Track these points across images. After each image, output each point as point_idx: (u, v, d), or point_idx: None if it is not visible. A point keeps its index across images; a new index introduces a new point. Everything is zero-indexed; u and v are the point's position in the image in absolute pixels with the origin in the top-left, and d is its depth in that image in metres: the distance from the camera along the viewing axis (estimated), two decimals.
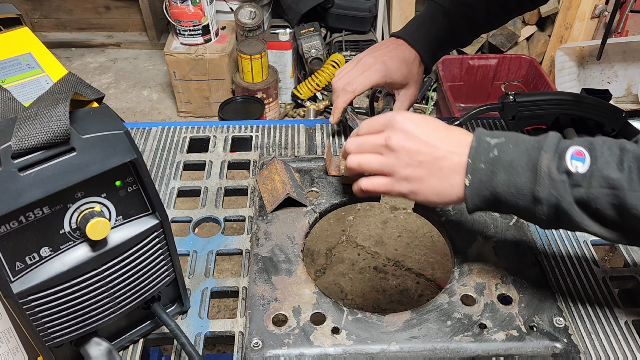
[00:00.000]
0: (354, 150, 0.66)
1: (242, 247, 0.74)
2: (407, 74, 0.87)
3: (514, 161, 0.55)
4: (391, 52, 0.86)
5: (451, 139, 0.60)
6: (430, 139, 0.60)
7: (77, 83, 0.54)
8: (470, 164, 0.57)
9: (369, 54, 0.87)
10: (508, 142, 0.56)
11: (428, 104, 2.54)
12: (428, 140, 0.60)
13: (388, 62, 0.85)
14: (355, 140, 0.66)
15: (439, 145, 0.59)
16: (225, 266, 1.82)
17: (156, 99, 2.77)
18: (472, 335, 0.62)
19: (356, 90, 0.84)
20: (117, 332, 0.60)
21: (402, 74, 0.86)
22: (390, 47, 0.87)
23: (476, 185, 0.57)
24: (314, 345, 0.61)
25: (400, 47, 0.87)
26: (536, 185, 0.53)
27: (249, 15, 2.50)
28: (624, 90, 2.53)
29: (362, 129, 0.67)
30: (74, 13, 3.03)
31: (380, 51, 0.87)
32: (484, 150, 0.57)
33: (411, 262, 1.69)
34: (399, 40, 0.88)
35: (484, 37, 2.66)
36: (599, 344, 0.63)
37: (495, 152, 0.56)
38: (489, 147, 0.57)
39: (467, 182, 0.57)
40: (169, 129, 0.94)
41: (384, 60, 0.85)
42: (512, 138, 0.57)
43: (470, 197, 0.58)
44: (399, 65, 0.85)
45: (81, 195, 0.48)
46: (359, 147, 0.65)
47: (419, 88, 0.91)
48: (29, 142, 0.43)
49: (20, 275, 0.47)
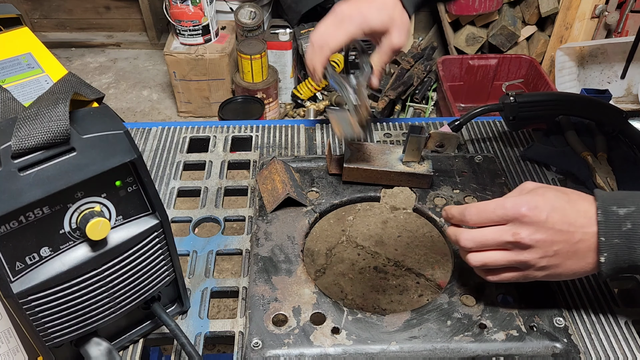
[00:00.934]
0: (473, 247, 0.58)
1: (242, 247, 0.74)
2: (386, 20, 0.79)
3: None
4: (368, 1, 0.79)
5: (579, 213, 0.55)
6: (563, 225, 0.55)
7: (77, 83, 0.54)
8: (604, 241, 0.54)
9: (346, 2, 0.79)
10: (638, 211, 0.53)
11: (428, 104, 2.54)
12: (561, 228, 0.55)
13: (364, 9, 0.78)
14: (473, 235, 0.58)
15: (572, 229, 0.55)
16: (225, 266, 1.82)
17: (156, 99, 2.77)
18: (472, 335, 0.62)
19: (332, 46, 0.78)
20: (117, 332, 0.60)
21: (381, 20, 0.78)
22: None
23: (612, 260, 0.54)
24: (314, 345, 0.61)
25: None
26: None
27: (249, 15, 2.50)
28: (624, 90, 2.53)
29: (473, 218, 0.58)
30: (74, 13, 3.03)
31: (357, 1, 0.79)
32: (615, 223, 0.53)
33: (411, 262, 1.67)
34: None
35: (483, 37, 2.66)
36: (599, 344, 0.63)
37: (629, 225, 0.53)
38: (619, 220, 0.53)
39: (603, 259, 0.54)
40: (169, 129, 0.94)
41: (360, 9, 0.78)
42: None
43: (607, 272, 0.55)
44: (377, 11, 0.78)
45: (81, 195, 0.48)
46: (479, 245, 0.58)
47: (403, 34, 0.81)
48: (29, 142, 0.43)
49: (20, 275, 0.47)
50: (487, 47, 2.72)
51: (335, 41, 0.78)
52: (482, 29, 2.67)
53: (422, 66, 2.51)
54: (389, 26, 0.79)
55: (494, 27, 2.64)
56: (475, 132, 0.95)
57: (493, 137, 0.94)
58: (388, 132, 0.95)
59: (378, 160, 0.80)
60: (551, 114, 0.89)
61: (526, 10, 2.65)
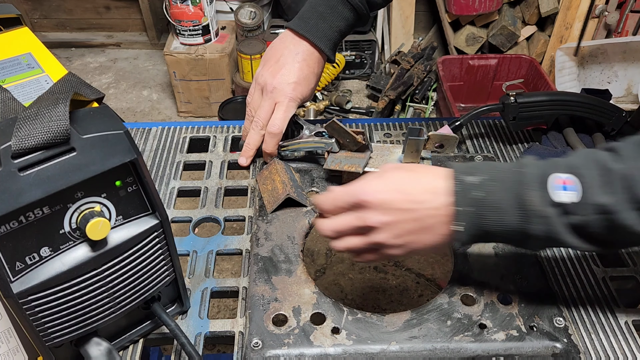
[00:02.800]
0: (332, 235, 0.62)
1: (242, 247, 0.74)
2: (314, 88, 0.86)
3: (501, 201, 0.54)
4: (295, 70, 0.82)
5: (424, 190, 0.57)
6: (407, 204, 0.57)
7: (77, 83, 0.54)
8: (459, 210, 0.55)
9: (272, 74, 0.82)
10: (490, 180, 0.55)
11: (428, 104, 2.54)
12: (406, 207, 0.57)
13: (297, 87, 0.82)
14: (328, 225, 0.61)
15: (416, 206, 0.57)
16: (225, 266, 1.82)
17: (156, 99, 2.77)
18: (472, 335, 0.62)
19: (282, 129, 0.82)
20: (117, 332, 0.60)
21: (310, 90, 0.85)
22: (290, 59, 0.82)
23: (467, 227, 0.56)
24: (314, 345, 0.61)
25: (301, 54, 0.82)
26: (527, 223, 0.53)
27: (249, 15, 2.50)
28: (624, 90, 2.53)
29: (326, 205, 0.62)
30: (74, 13, 3.03)
31: (283, 70, 0.82)
32: (468, 192, 0.55)
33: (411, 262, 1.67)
34: (298, 40, 0.83)
35: (484, 37, 2.66)
36: (599, 344, 0.63)
37: (480, 192, 0.55)
38: (471, 188, 0.55)
39: (462, 228, 0.56)
40: (169, 129, 0.94)
41: (292, 87, 0.82)
42: (492, 173, 0.56)
43: (465, 239, 0.57)
44: (307, 84, 0.83)
45: (81, 195, 0.48)
46: (337, 233, 0.61)
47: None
48: (29, 142, 0.43)
49: (20, 275, 0.47)
50: (487, 47, 2.72)
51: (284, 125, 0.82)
52: (482, 29, 2.67)
53: (422, 66, 2.51)
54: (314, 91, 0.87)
55: (494, 27, 2.64)
56: (475, 132, 0.95)
57: (493, 136, 0.94)
58: (388, 132, 0.95)
59: (378, 162, 0.80)
60: (551, 114, 0.89)
61: (526, 10, 2.65)
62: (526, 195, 0.53)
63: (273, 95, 0.82)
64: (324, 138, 0.82)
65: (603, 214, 0.51)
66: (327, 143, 0.80)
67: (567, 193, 0.52)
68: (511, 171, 0.56)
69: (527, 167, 0.55)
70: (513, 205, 0.54)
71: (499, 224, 0.55)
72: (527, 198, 0.53)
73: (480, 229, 0.56)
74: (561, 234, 0.53)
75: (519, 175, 0.54)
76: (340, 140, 0.80)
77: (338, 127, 0.77)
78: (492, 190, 0.55)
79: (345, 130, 0.77)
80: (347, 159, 0.79)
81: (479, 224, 0.55)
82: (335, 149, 0.80)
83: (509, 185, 0.54)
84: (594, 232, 0.52)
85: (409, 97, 2.51)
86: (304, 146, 0.83)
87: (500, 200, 0.54)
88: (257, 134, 0.84)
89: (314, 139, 0.83)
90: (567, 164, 0.54)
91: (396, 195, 0.57)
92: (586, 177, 0.52)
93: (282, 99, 0.82)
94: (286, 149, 0.84)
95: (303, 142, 0.83)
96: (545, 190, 0.53)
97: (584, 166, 0.53)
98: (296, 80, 0.82)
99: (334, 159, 0.80)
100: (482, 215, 0.55)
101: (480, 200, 0.55)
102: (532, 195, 0.53)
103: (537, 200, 0.53)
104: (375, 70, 2.77)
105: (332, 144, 0.80)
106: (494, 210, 0.54)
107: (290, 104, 0.82)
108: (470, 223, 0.56)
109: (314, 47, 0.83)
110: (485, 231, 0.56)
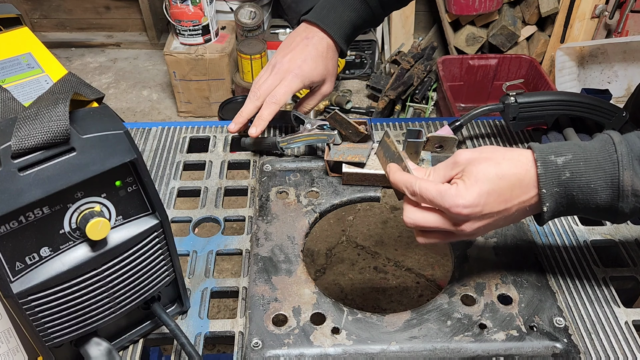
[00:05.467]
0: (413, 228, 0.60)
1: (242, 247, 0.74)
2: (323, 71, 0.87)
3: (590, 182, 0.54)
4: (304, 51, 0.85)
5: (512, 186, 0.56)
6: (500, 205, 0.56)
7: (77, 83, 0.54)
8: (545, 193, 0.55)
9: (283, 55, 0.86)
10: (577, 160, 0.55)
11: (428, 104, 2.54)
12: (499, 208, 0.56)
13: (303, 65, 0.85)
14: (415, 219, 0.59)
15: (509, 205, 0.56)
16: (225, 266, 1.82)
17: (156, 99, 2.77)
18: (472, 335, 0.62)
19: (280, 101, 0.84)
20: (117, 332, 0.60)
21: (319, 73, 0.87)
22: (301, 44, 0.86)
23: (553, 208, 0.56)
24: (314, 345, 0.61)
25: (312, 39, 0.86)
26: (620, 202, 0.54)
27: (249, 15, 2.50)
28: (624, 90, 2.53)
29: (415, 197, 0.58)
30: (74, 13, 3.03)
31: (293, 52, 0.86)
32: (554, 173, 0.55)
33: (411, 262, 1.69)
34: (311, 28, 0.87)
35: (484, 37, 2.66)
36: (599, 344, 0.63)
37: (567, 174, 0.55)
38: (558, 169, 0.55)
39: (545, 209, 0.56)
40: (169, 129, 0.94)
41: (298, 64, 0.85)
42: (579, 153, 0.55)
43: (548, 217, 0.57)
44: (315, 64, 0.86)
45: (81, 195, 0.48)
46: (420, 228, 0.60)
47: (333, 82, 0.92)
48: (29, 142, 0.43)
49: (20, 275, 0.47)
50: (487, 47, 2.72)
51: (284, 97, 0.84)
52: (482, 29, 2.67)
53: (422, 66, 2.51)
54: (326, 77, 0.89)
55: (494, 27, 2.64)
56: (475, 132, 0.95)
57: (493, 136, 0.94)
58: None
59: (377, 163, 0.80)
60: (552, 114, 0.89)
61: (526, 10, 2.65)
62: (621, 175, 0.53)
63: (280, 72, 0.85)
64: (326, 130, 0.82)
65: None
66: (330, 135, 0.81)
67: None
68: (597, 148, 0.55)
69: (617, 145, 0.55)
70: (605, 185, 0.54)
71: (587, 203, 0.55)
72: (622, 179, 0.53)
73: (564, 206, 0.56)
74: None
75: (609, 154, 0.54)
76: (343, 132, 0.80)
77: (340, 118, 0.78)
78: (580, 170, 0.55)
79: (348, 121, 0.78)
80: (350, 150, 0.80)
81: (564, 203, 0.56)
82: (338, 141, 0.80)
83: (597, 163, 0.54)
84: None
85: (409, 97, 2.51)
86: (306, 139, 0.84)
87: (590, 181, 0.54)
88: (251, 104, 0.86)
89: (316, 131, 0.83)
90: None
91: (489, 200, 0.56)
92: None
93: (286, 75, 0.84)
94: (288, 143, 0.84)
95: (305, 135, 0.84)
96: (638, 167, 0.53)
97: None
98: (304, 59, 0.85)
99: (336, 151, 0.80)
100: (569, 195, 0.55)
101: (567, 180, 0.55)
102: (627, 174, 0.53)
103: (633, 179, 0.53)
104: (375, 70, 2.77)
105: (334, 136, 0.80)
106: (583, 191, 0.55)
107: (294, 79, 0.84)
108: (555, 203, 0.56)
109: (325, 34, 0.86)
110: (570, 208, 0.57)
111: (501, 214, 0.57)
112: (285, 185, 0.82)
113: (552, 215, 0.57)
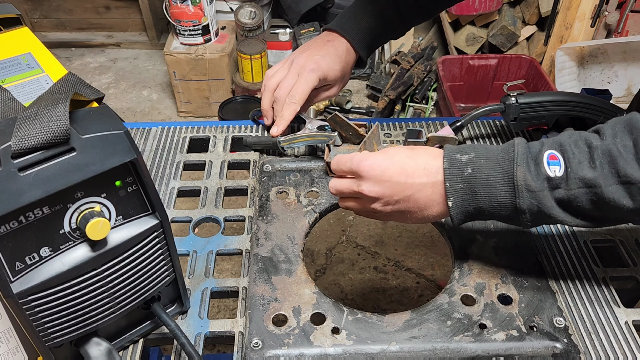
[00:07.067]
0: (335, 193, 0.68)
1: (242, 247, 0.74)
2: (339, 72, 0.89)
3: (489, 177, 0.57)
4: (322, 49, 0.88)
5: (417, 166, 0.61)
6: (400, 177, 0.61)
7: (77, 83, 0.54)
8: (449, 187, 0.59)
9: (301, 52, 0.88)
10: (479, 158, 0.59)
11: (428, 104, 2.54)
12: (398, 180, 0.61)
13: (320, 61, 0.86)
14: (332, 183, 0.68)
15: (409, 180, 0.61)
16: (225, 266, 1.82)
17: (156, 99, 2.77)
18: (472, 336, 0.62)
19: (300, 100, 0.85)
20: (117, 332, 0.60)
21: (335, 75, 0.89)
22: (321, 44, 0.89)
23: (459, 204, 0.59)
24: (314, 345, 0.61)
25: (331, 41, 0.89)
26: (516, 198, 0.56)
27: (249, 15, 2.50)
28: (624, 90, 2.53)
29: (333, 165, 0.68)
30: (74, 13, 3.03)
31: (311, 49, 0.88)
32: (458, 169, 0.59)
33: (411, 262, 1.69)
34: (331, 34, 0.90)
35: (484, 37, 2.66)
36: (599, 344, 0.63)
37: (469, 169, 0.58)
38: (461, 166, 0.59)
39: (450, 203, 0.60)
40: (169, 129, 0.94)
41: (316, 59, 0.86)
42: (481, 152, 0.59)
43: (456, 215, 0.60)
44: (332, 63, 0.87)
45: (81, 195, 0.48)
46: (338, 192, 0.67)
47: (341, 88, 0.94)
48: (29, 142, 0.43)
49: (20, 275, 0.47)
50: (487, 47, 2.72)
51: (303, 95, 0.86)
52: (482, 29, 2.67)
53: (422, 66, 2.51)
54: (338, 81, 0.91)
55: (494, 27, 2.63)
56: (476, 132, 0.95)
57: (493, 136, 0.94)
58: (388, 132, 0.95)
59: None
60: (553, 114, 0.89)
61: (526, 10, 2.65)
62: (514, 171, 0.56)
63: (296, 68, 0.87)
64: (327, 131, 0.82)
65: (588, 187, 0.53)
66: (330, 136, 0.81)
67: (553, 167, 0.55)
68: (499, 149, 0.59)
69: (516, 146, 0.58)
70: (502, 180, 0.57)
71: (489, 200, 0.58)
72: (516, 173, 0.56)
73: (470, 204, 0.59)
74: (549, 208, 0.55)
75: (507, 153, 0.57)
76: (343, 134, 0.80)
77: (340, 120, 0.78)
78: (481, 167, 0.58)
79: (348, 123, 0.78)
80: (350, 151, 0.80)
81: (469, 200, 0.59)
82: (338, 142, 0.81)
83: (497, 161, 0.57)
84: (580, 207, 0.55)
85: (409, 97, 2.51)
86: (307, 140, 0.84)
87: (489, 176, 0.57)
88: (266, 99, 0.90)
89: (317, 132, 0.83)
90: (554, 141, 0.57)
91: (392, 169, 0.61)
92: (571, 152, 0.55)
93: (303, 71, 0.86)
94: (289, 143, 0.84)
95: (306, 135, 0.84)
96: (534, 164, 0.56)
97: (569, 143, 0.55)
98: (322, 55, 0.87)
99: (336, 153, 0.80)
100: (472, 191, 0.58)
101: (469, 176, 0.58)
102: (520, 170, 0.56)
103: (526, 175, 0.55)
104: (375, 70, 2.76)
105: (334, 137, 0.81)
106: (483, 186, 0.58)
107: (310, 74, 0.86)
108: (460, 199, 0.59)
109: (344, 39, 0.89)
110: (476, 207, 0.59)
111: (402, 187, 0.61)
112: (285, 185, 0.82)
113: (460, 214, 0.60)
